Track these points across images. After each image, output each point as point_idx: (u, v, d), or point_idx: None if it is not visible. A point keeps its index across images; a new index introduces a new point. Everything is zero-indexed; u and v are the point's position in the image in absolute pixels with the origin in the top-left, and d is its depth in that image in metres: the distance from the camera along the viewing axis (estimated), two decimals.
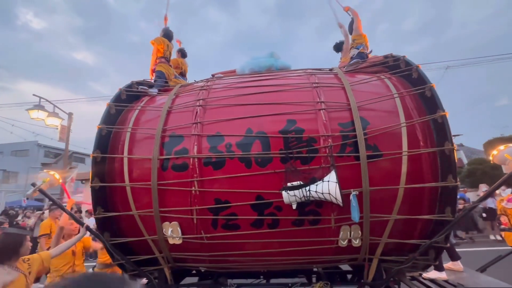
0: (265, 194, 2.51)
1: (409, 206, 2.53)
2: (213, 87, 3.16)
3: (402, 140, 2.52)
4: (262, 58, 3.73)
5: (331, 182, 2.18)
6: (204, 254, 2.81)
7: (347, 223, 2.54)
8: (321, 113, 2.62)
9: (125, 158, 2.83)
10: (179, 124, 2.84)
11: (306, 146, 2.51)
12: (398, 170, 2.48)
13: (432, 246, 2.56)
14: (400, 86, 2.89)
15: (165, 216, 2.70)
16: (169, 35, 4.28)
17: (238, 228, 2.62)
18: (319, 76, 3.09)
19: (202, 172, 2.59)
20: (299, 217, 2.52)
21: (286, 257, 2.76)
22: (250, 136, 2.59)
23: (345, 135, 2.53)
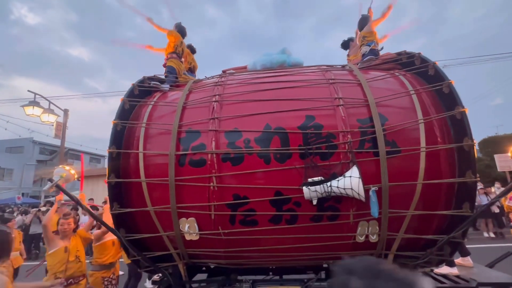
0: (284, 189, 2.51)
1: (426, 202, 2.55)
2: (227, 83, 3.14)
3: (420, 136, 2.54)
4: (275, 55, 3.71)
5: (353, 178, 2.19)
6: (220, 250, 2.81)
7: (365, 219, 2.56)
8: (339, 109, 2.62)
9: (141, 154, 2.81)
10: (195, 119, 2.82)
11: (325, 142, 2.51)
12: (416, 166, 2.50)
13: (448, 242, 2.59)
14: (415, 83, 2.90)
15: (182, 212, 2.69)
16: (182, 31, 4.23)
17: (256, 224, 2.62)
18: (334, 72, 3.08)
19: (221, 168, 2.58)
20: (318, 212, 2.53)
21: (303, 253, 2.77)
22: (268, 131, 2.58)
23: (364, 131, 2.54)
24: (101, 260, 3.01)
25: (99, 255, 2.99)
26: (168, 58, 4.04)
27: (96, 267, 3.00)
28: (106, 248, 3.03)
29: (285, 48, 3.79)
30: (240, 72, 3.58)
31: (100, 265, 3.00)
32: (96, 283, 2.94)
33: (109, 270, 3.07)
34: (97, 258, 3.00)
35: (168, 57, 4.04)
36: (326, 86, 2.87)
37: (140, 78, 3.43)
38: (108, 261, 3.08)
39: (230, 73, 3.63)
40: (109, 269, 3.08)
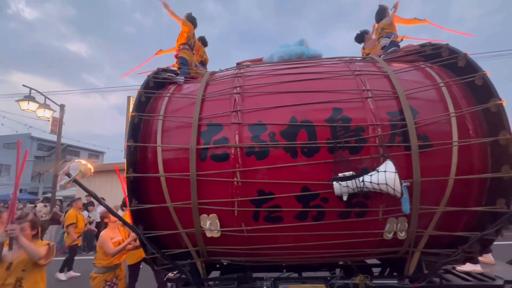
0: (312, 185, 2.42)
1: (457, 198, 2.47)
2: (247, 75, 3.02)
3: (452, 130, 2.45)
4: (292, 46, 3.59)
5: (388, 172, 2.09)
6: (241, 247, 2.71)
7: (394, 215, 2.47)
8: (368, 101, 2.52)
9: (159, 148, 2.69)
10: (216, 112, 2.70)
11: (354, 136, 2.41)
12: (448, 161, 2.41)
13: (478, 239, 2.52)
14: (443, 75, 2.80)
15: (203, 208, 2.58)
16: (193, 21, 4.09)
17: (281, 220, 2.52)
18: (358, 64, 2.97)
19: (245, 162, 2.48)
20: (345, 209, 2.44)
21: (327, 250, 2.69)
22: (295, 124, 2.48)
23: (394, 125, 2.44)
24: (105, 262, 2.85)
25: (103, 256, 2.85)
26: (181, 49, 3.91)
27: (100, 270, 2.84)
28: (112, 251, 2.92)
29: (303, 40, 3.67)
30: (257, 64, 3.45)
31: (104, 267, 2.85)
32: (98, 287, 2.82)
33: (113, 273, 2.94)
34: (101, 260, 2.84)
35: (180, 48, 3.91)
36: (352, 77, 2.76)
37: (155, 70, 3.30)
38: (114, 263, 2.95)
39: (246, 65, 3.51)
40: (113, 271, 2.95)
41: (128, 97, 12.19)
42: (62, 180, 2.33)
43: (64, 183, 2.30)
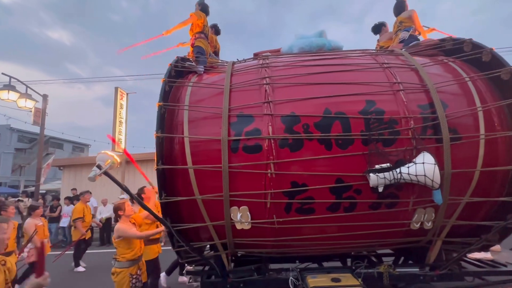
0: (346, 177, 2.43)
1: (480, 188, 2.56)
2: (273, 65, 2.96)
3: (479, 123, 2.52)
4: (312, 38, 3.55)
5: (427, 164, 2.14)
6: (270, 239, 2.72)
7: (422, 206, 2.54)
8: (400, 94, 2.54)
9: (186, 139, 2.61)
10: (245, 103, 2.64)
11: (388, 128, 2.44)
12: (476, 153, 2.49)
13: None
14: (467, 69, 2.86)
15: (234, 200, 2.55)
16: (205, 9, 3.95)
17: (313, 212, 2.54)
18: (384, 56, 2.98)
19: (279, 154, 2.45)
20: (377, 200, 2.48)
21: (354, 241, 2.74)
22: (329, 116, 2.47)
23: (426, 117, 2.48)
24: (129, 255, 2.77)
25: (126, 250, 2.76)
26: (196, 37, 3.78)
27: (124, 264, 2.75)
28: (133, 242, 2.83)
29: (323, 31, 3.63)
30: (280, 55, 3.40)
31: (128, 261, 2.77)
32: (123, 282, 2.73)
33: (136, 266, 2.87)
34: (124, 254, 2.75)
35: (196, 37, 3.78)
36: (380, 70, 2.77)
37: (174, 59, 3.18)
38: (137, 255, 2.88)
39: (266, 55, 3.44)
40: (136, 264, 2.88)
41: (115, 88, 11.60)
42: (92, 172, 2.22)
43: (93, 175, 2.20)
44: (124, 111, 11.83)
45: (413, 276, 2.80)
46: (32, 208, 4.09)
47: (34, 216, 4.04)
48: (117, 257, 2.77)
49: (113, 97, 11.59)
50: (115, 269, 2.74)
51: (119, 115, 11.38)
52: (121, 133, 11.49)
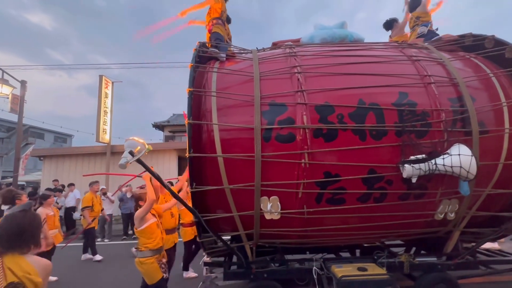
0: (378, 167, 2.45)
1: (502, 181, 2.66)
2: (301, 54, 2.91)
3: (504, 117, 2.60)
4: (334, 29, 3.52)
5: (463, 156, 2.18)
6: (296, 229, 2.71)
7: (448, 197, 2.61)
8: (431, 87, 2.57)
9: (215, 127, 2.53)
10: (277, 91, 2.59)
11: (420, 120, 2.46)
12: (500, 147, 2.57)
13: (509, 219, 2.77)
14: (489, 65, 2.93)
15: (264, 190, 2.51)
16: None
17: (343, 202, 2.55)
18: (412, 50, 3.00)
19: (313, 144, 2.43)
20: (407, 191, 2.52)
21: (380, 231, 2.78)
22: (363, 107, 2.46)
23: (455, 111, 2.53)
24: (151, 245, 2.68)
25: (148, 240, 2.67)
26: (214, 23, 3.65)
27: (147, 253, 2.66)
28: (154, 231, 2.73)
29: (344, 22, 3.61)
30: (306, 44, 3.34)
31: (150, 250, 2.69)
32: (153, 267, 2.66)
33: (160, 254, 2.80)
34: (146, 244, 2.66)
35: (214, 23, 3.65)
36: (409, 63, 2.79)
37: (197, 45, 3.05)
38: (159, 245, 2.80)
39: (289, 45, 3.38)
40: (159, 253, 2.80)
41: (100, 76, 11.05)
42: (123, 159, 2.11)
43: (124, 162, 2.08)
44: (109, 100, 11.41)
45: (431, 265, 2.89)
46: (43, 197, 3.87)
47: (45, 205, 3.84)
48: (140, 247, 2.67)
49: (98, 85, 11.09)
50: (139, 259, 2.65)
51: (103, 105, 10.96)
52: (106, 123, 11.07)
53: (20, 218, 1.28)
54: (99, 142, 10.76)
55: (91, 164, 11.41)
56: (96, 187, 5.68)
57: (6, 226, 1.24)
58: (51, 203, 4.01)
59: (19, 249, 1.22)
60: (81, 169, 11.49)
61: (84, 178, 11.00)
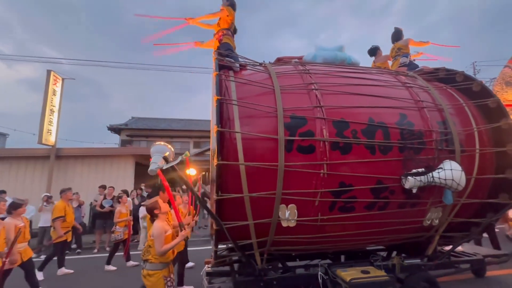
0: (385, 179, 2.76)
1: (473, 192, 3.19)
2: (313, 72, 3.15)
3: (475, 140, 3.15)
4: (335, 51, 3.87)
5: (455, 171, 2.59)
6: (308, 236, 2.86)
7: (435, 206, 3.03)
8: (424, 110, 3.01)
9: (238, 135, 2.59)
10: (296, 105, 2.76)
11: (417, 138, 2.86)
12: (473, 163, 3.10)
13: (476, 224, 3.32)
14: (461, 95, 3.54)
15: (283, 198, 2.63)
16: (233, 5, 3.92)
17: (353, 210, 2.79)
18: (403, 77, 3.47)
19: (331, 156, 2.64)
20: (405, 200, 2.87)
21: (379, 236, 3.09)
22: (373, 125, 2.77)
23: (442, 132, 2.99)
24: (163, 258, 2.59)
25: None
26: (224, 34, 3.73)
27: (158, 266, 2.53)
28: (166, 242, 2.64)
29: (342, 46, 3.99)
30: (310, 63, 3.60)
31: (161, 263, 2.56)
32: (158, 284, 2.53)
33: (168, 268, 2.68)
34: (158, 255, 2.55)
35: (224, 33, 3.73)
36: (404, 88, 3.22)
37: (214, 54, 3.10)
38: (170, 258, 2.69)
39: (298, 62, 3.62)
40: (168, 266, 2.69)
41: (48, 71, 9.98)
42: (153, 165, 2.04)
43: (156, 168, 2.02)
44: (58, 98, 10.38)
45: (416, 266, 3.29)
46: (14, 207, 3.35)
47: (15, 215, 3.32)
48: (151, 259, 2.53)
49: (44, 81, 10.00)
50: (147, 271, 2.50)
51: (50, 103, 9.93)
52: (52, 123, 10.01)
53: None
54: (42, 144, 9.56)
55: (30, 169, 10.05)
56: (70, 194, 5.10)
57: None
58: (21, 213, 3.52)
59: None
60: (16, 175, 10.09)
61: (18, 184, 9.67)
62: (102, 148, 12.56)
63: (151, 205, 2.71)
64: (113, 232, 5.24)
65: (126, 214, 5.40)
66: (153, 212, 2.69)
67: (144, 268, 2.55)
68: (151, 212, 2.69)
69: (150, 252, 2.56)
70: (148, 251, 2.59)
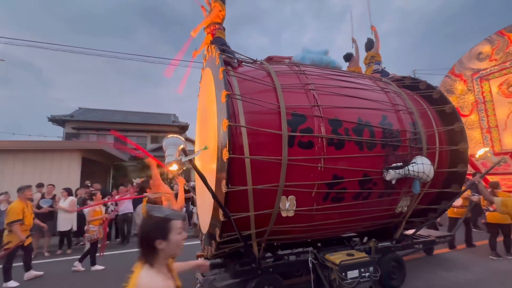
0: (370, 172, 3.12)
1: (432, 183, 3.78)
2: (308, 73, 3.38)
3: (436, 140, 3.74)
4: (322, 55, 4.16)
5: (425, 165, 3.07)
6: (302, 225, 3.10)
7: (405, 195, 3.53)
8: (400, 113, 3.47)
9: (244, 129, 2.69)
10: (296, 104, 2.96)
11: (395, 137, 3.29)
12: (434, 159, 3.68)
13: (433, 210, 3.96)
14: (424, 101, 4.14)
15: (285, 190, 2.81)
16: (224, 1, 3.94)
17: (343, 200, 3.10)
18: (380, 82, 3.92)
19: (327, 151, 2.90)
20: (384, 190, 3.29)
21: (361, 223, 3.48)
22: (362, 124, 3.11)
23: (413, 132, 3.49)
24: None
25: None
26: (217, 28, 3.74)
27: None
28: None
29: (327, 50, 4.31)
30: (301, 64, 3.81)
31: None
32: None
33: None
34: None
35: (216, 27, 3.74)
36: (383, 93, 3.65)
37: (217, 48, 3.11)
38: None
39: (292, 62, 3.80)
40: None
41: None
42: (169, 157, 2.03)
43: (172, 160, 2.02)
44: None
45: (388, 248, 3.78)
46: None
47: None
48: None
49: None
50: None
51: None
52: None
53: None
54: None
55: None
56: (29, 193, 4.50)
57: None
58: None
59: None
60: None
61: None
62: (40, 141, 11.10)
63: (154, 199, 2.65)
64: (87, 231, 4.84)
65: (100, 212, 5.04)
66: None
67: None
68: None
69: None
70: None
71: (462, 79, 9.04)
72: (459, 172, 3.78)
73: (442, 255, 5.05)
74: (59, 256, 6.03)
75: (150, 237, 1.06)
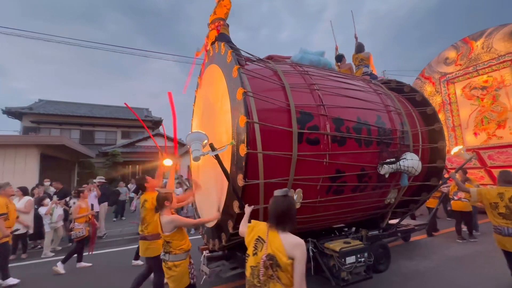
0: (366, 166, 3.42)
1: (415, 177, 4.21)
2: (311, 74, 3.57)
3: (419, 138, 4.16)
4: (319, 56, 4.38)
5: (414, 160, 3.43)
6: (305, 216, 3.32)
7: (394, 188, 3.90)
8: (391, 113, 3.81)
9: (257, 126, 2.81)
10: (303, 102, 3.14)
11: (388, 135, 3.62)
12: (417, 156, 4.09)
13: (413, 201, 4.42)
14: (408, 103, 4.55)
15: (294, 183, 2.99)
16: None
17: (342, 192, 3.36)
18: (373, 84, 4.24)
19: (332, 147, 3.12)
20: (377, 183, 3.61)
21: (356, 214, 3.79)
22: (360, 123, 3.38)
23: (401, 131, 3.86)
24: (185, 246, 2.62)
25: (181, 241, 2.58)
26: (221, 24, 3.79)
27: (182, 256, 2.53)
28: (183, 231, 2.71)
29: (323, 52, 4.54)
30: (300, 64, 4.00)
31: (185, 252, 2.61)
32: (184, 273, 2.58)
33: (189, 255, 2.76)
34: (180, 246, 2.57)
35: (221, 24, 3.79)
36: (375, 94, 3.97)
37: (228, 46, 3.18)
38: (189, 246, 2.77)
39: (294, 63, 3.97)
40: (189, 254, 2.76)
41: None
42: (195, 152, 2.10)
43: (200, 155, 2.09)
44: None
45: (376, 236, 4.16)
46: None
47: None
48: (172, 251, 2.54)
49: None
50: (174, 263, 2.51)
51: None
52: None
53: None
54: None
55: None
56: (10, 190, 4.23)
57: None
58: None
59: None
60: None
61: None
62: None
63: (164, 195, 2.67)
64: (72, 229, 4.65)
65: (86, 209, 4.86)
66: (164, 202, 2.66)
67: (168, 260, 2.55)
68: (162, 202, 2.66)
69: (170, 246, 2.56)
70: (168, 245, 2.57)
71: (431, 81, 9.91)
72: (438, 167, 4.25)
73: (417, 241, 5.63)
74: (12, 261, 5.21)
75: (294, 212, 1.64)
